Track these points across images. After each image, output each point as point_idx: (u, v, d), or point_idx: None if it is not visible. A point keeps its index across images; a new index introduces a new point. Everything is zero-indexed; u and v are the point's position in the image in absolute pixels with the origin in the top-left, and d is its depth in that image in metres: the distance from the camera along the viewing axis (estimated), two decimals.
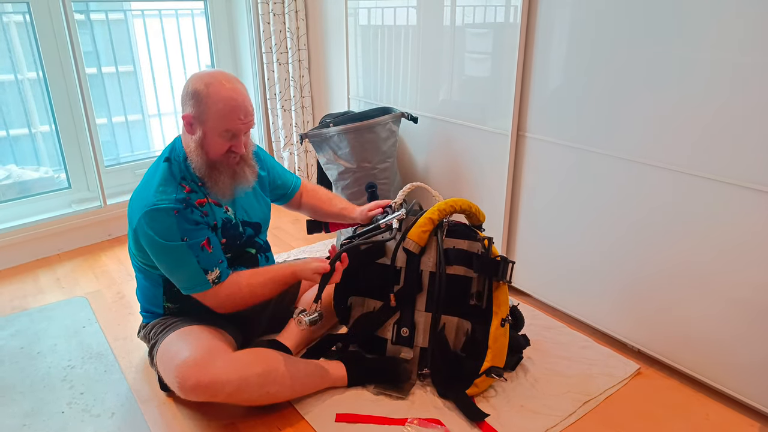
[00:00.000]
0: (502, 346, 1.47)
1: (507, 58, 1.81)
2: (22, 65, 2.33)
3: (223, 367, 1.31)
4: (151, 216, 1.36)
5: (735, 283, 1.41)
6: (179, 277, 1.42)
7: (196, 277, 1.40)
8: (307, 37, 2.78)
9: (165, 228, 1.36)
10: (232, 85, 1.38)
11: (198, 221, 1.41)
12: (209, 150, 1.42)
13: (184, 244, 1.37)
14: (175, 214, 1.37)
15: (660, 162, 1.49)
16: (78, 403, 1.52)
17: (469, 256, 1.50)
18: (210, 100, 1.36)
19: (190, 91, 1.38)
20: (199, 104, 1.37)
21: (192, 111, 1.38)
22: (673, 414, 1.46)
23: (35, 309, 1.98)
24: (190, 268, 1.39)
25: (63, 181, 2.51)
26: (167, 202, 1.37)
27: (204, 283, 1.41)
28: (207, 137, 1.40)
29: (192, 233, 1.39)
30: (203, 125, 1.39)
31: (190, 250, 1.38)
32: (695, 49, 1.36)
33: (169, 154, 1.46)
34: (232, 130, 1.39)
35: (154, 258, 1.41)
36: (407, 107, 2.29)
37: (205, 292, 1.43)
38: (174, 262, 1.39)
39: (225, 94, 1.36)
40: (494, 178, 1.99)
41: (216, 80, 1.37)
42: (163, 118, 2.86)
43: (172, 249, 1.37)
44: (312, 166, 2.93)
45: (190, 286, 1.42)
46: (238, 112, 1.38)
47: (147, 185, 1.42)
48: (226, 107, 1.36)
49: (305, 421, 1.43)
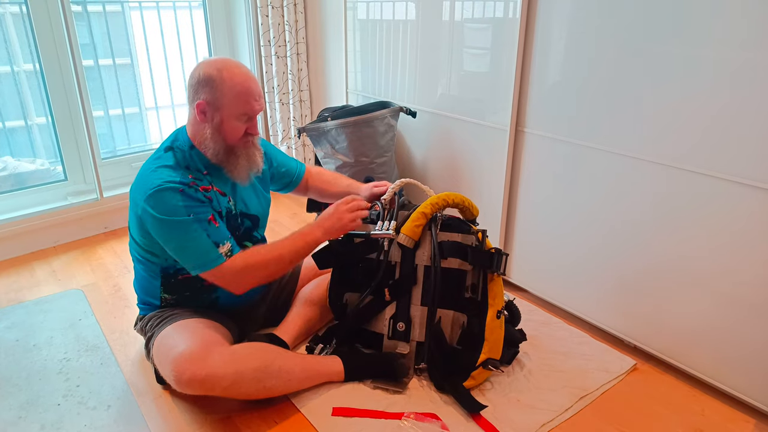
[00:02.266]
0: (498, 338, 1.48)
1: (506, 53, 1.81)
2: (19, 57, 2.32)
3: (219, 360, 1.30)
4: (157, 196, 1.35)
5: (731, 279, 1.42)
6: (190, 254, 1.38)
7: (208, 251, 1.37)
8: (306, 30, 2.77)
9: (171, 206, 1.35)
10: (243, 69, 1.40)
11: (203, 201, 1.40)
12: (227, 135, 1.43)
13: (191, 219, 1.36)
14: (180, 192, 1.36)
15: (658, 158, 1.49)
16: (74, 396, 1.52)
17: (464, 248, 1.51)
18: (226, 86, 1.37)
19: (202, 78, 1.38)
20: (213, 90, 1.38)
21: (206, 97, 1.39)
22: (669, 410, 1.47)
23: (31, 301, 1.98)
24: (201, 242, 1.37)
25: (59, 173, 2.50)
26: (172, 182, 1.36)
27: (217, 258, 1.38)
28: (224, 122, 1.41)
29: (198, 209, 1.38)
30: (220, 111, 1.40)
31: (198, 225, 1.37)
32: (694, 45, 1.36)
33: (171, 144, 1.46)
34: (248, 113, 1.42)
35: (163, 240, 1.39)
36: (406, 102, 2.29)
37: (219, 267, 1.38)
38: (183, 239, 1.36)
39: (240, 78, 1.38)
40: (492, 173, 1.98)
41: (227, 65, 1.39)
42: (160, 111, 2.85)
43: (180, 224, 1.35)
44: (310, 160, 2.92)
45: (203, 263, 1.38)
46: (254, 94, 1.41)
47: (149, 172, 1.41)
48: (242, 90, 1.38)
49: (301, 415, 1.43)
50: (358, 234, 1.58)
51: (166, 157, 1.43)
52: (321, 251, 1.60)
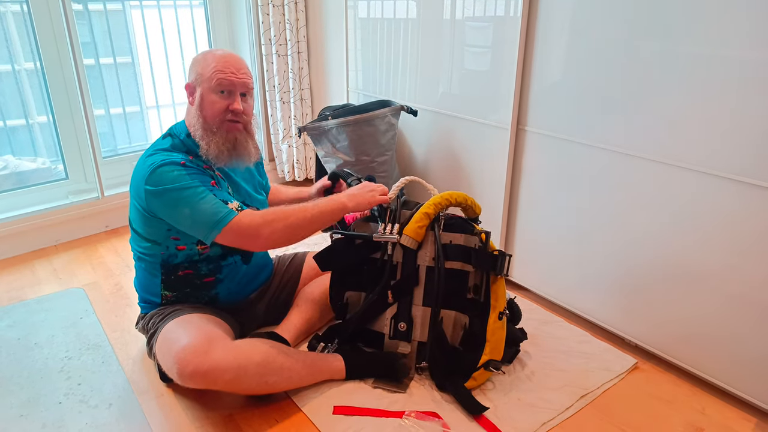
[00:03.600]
0: (499, 340, 1.48)
1: (507, 51, 1.81)
2: (20, 55, 2.32)
3: (222, 354, 1.31)
4: (158, 172, 1.37)
5: (733, 279, 1.42)
6: (201, 215, 1.36)
7: (218, 209, 1.36)
8: (307, 28, 2.77)
9: (174, 176, 1.37)
10: (227, 51, 1.49)
11: (203, 171, 1.44)
12: (207, 111, 1.46)
13: (197, 182, 1.38)
14: (182, 164, 1.40)
15: (660, 157, 1.49)
16: (75, 394, 1.52)
17: (468, 251, 1.50)
18: (205, 61, 1.46)
19: (191, 63, 1.50)
20: (195, 68, 1.48)
21: (190, 77, 1.49)
22: (670, 408, 1.47)
23: (32, 300, 1.98)
24: (209, 201, 1.36)
25: (60, 172, 2.50)
26: (171, 159, 1.40)
27: (229, 212, 1.36)
28: (204, 98, 1.46)
29: (200, 177, 1.40)
30: (200, 86, 1.46)
31: (204, 187, 1.38)
32: (697, 44, 1.35)
33: (169, 133, 1.52)
34: (225, 85, 1.45)
35: (172, 211, 1.38)
36: (407, 100, 2.29)
37: (234, 221, 1.35)
38: (191, 202, 1.36)
39: (218, 54, 1.47)
40: (493, 172, 1.98)
41: (214, 49, 1.49)
42: (161, 110, 2.85)
43: (185, 189, 1.36)
44: (311, 159, 2.92)
45: (216, 221, 1.35)
46: (230, 66, 1.45)
47: (146, 157, 1.45)
48: (218, 63, 1.45)
49: (302, 413, 1.43)
50: (361, 235, 1.58)
51: (164, 143, 1.48)
52: (322, 252, 1.59)
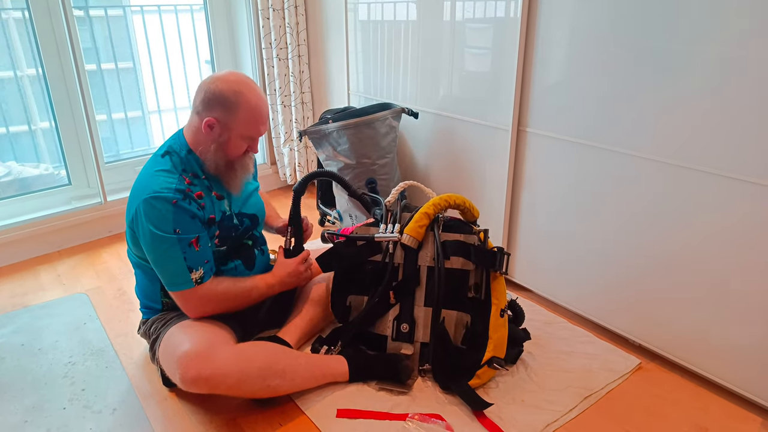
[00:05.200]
0: (502, 337, 1.48)
1: (507, 53, 1.81)
2: (22, 62, 2.33)
3: (224, 359, 1.31)
4: (150, 204, 1.38)
5: (736, 277, 1.41)
6: (165, 271, 1.43)
7: (181, 274, 1.42)
8: (307, 32, 2.77)
9: (161, 216, 1.38)
10: (258, 93, 1.45)
11: (194, 214, 1.42)
12: (230, 152, 1.47)
13: (174, 237, 1.39)
14: (173, 203, 1.39)
15: (661, 156, 1.49)
16: (79, 400, 1.52)
17: (467, 247, 1.51)
18: (241, 110, 1.42)
19: (217, 95, 1.41)
20: (227, 111, 1.42)
21: (218, 116, 1.43)
22: (674, 408, 1.46)
23: (36, 306, 1.99)
24: (176, 264, 1.41)
25: (63, 177, 2.51)
26: (167, 191, 1.39)
27: (187, 282, 1.43)
28: (231, 141, 1.46)
29: (185, 226, 1.41)
30: (229, 131, 1.44)
31: (179, 245, 1.40)
32: (696, 44, 1.35)
33: (168, 149, 1.48)
34: (255, 136, 1.48)
35: (145, 248, 1.43)
36: (408, 102, 2.29)
37: (185, 291, 1.44)
38: (162, 255, 1.41)
39: (254, 104, 1.43)
40: (495, 173, 1.98)
41: (245, 88, 1.42)
42: (163, 115, 2.85)
43: (163, 240, 1.39)
44: (312, 162, 2.92)
45: (174, 282, 1.43)
46: (264, 119, 1.47)
47: (146, 177, 1.43)
48: (254, 117, 1.44)
49: (306, 417, 1.43)
50: (362, 237, 1.59)
51: (163, 162, 1.46)
52: (325, 255, 1.61)
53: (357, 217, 2.24)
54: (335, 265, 1.61)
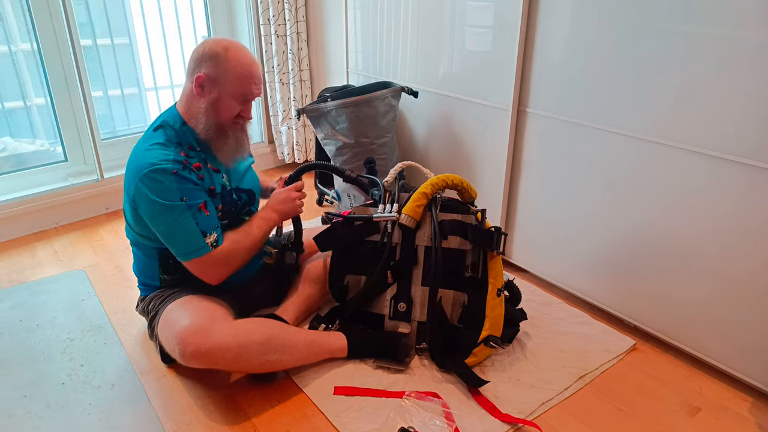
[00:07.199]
0: (498, 315, 1.49)
1: (508, 32, 1.79)
2: (16, 36, 2.29)
3: (223, 333, 1.32)
4: (151, 177, 1.36)
5: (731, 260, 1.42)
6: (178, 241, 1.41)
7: (195, 240, 1.40)
8: (306, 8, 2.73)
9: (164, 188, 1.36)
10: (249, 52, 1.45)
11: (196, 182, 1.42)
12: (220, 112, 1.45)
13: (183, 205, 1.38)
14: (174, 173, 1.37)
15: (661, 138, 1.48)
16: (78, 375, 1.53)
17: (464, 226, 1.52)
18: (230, 63, 1.40)
19: (207, 52, 1.41)
20: (217, 65, 1.41)
21: (208, 71, 1.41)
22: (668, 388, 1.48)
23: (33, 282, 1.99)
24: (190, 230, 1.39)
25: (59, 154, 2.49)
26: (165, 162, 1.37)
27: (203, 247, 1.41)
28: (221, 99, 1.43)
29: (191, 193, 1.40)
30: (219, 86, 1.42)
31: (189, 211, 1.39)
32: (702, 25, 1.34)
33: (161, 123, 1.46)
34: (246, 96, 1.45)
35: (152, 223, 1.41)
36: (407, 81, 2.27)
37: (203, 257, 1.42)
38: (173, 225, 1.39)
39: (245, 60, 1.42)
40: (494, 154, 1.97)
41: (234, 46, 1.43)
42: (160, 92, 2.82)
43: (172, 209, 1.37)
44: (310, 140, 2.91)
45: (190, 251, 1.41)
46: (255, 78, 1.44)
47: (141, 151, 1.41)
48: (245, 71, 1.42)
49: (304, 394, 1.44)
50: (360, 217, 1.58)
51: (157, 136, 1.44)
52: (322, 234, 1.61)
53: (355, 197, 2.23)
54: (333, 245, 1.61)
